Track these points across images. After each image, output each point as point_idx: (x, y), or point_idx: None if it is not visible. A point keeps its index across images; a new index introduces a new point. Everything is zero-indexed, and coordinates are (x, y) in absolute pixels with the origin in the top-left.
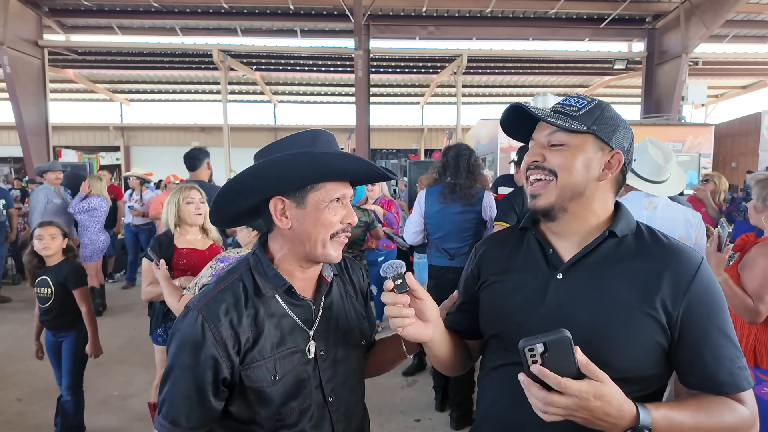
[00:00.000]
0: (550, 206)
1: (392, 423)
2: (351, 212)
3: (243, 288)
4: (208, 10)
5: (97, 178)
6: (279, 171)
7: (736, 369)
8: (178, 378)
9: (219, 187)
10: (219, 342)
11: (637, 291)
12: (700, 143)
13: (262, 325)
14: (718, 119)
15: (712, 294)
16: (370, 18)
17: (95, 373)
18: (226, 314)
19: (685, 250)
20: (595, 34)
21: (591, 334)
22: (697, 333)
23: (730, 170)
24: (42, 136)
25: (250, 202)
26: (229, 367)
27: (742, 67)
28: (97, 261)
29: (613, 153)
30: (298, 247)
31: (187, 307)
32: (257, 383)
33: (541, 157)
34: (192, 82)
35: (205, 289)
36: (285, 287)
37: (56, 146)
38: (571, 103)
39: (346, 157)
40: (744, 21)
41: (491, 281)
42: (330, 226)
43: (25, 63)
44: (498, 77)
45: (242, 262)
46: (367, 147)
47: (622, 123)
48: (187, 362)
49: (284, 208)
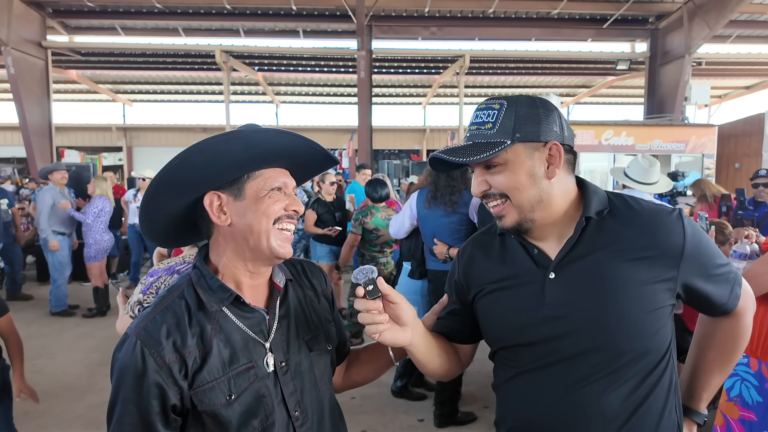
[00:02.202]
0: (517, 223)
1: (395, 422)
2: (295, 200)
3: (185, 306)
4: (210, 11)
5: (102, 178)
6: (209, 156)
7: (734, 285)
8: (122, 414)
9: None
10: (162, 367)
11: (636, 266)
12: (704, 144)
13: (210, 343)
14: (721, 120)
15: (700, 241)
16: (373, 18)
17: (101, 373)
18: (168, 336)
19: (661, 212)
20: (598, 34)
21: (604, 323)
22: (702, 281)
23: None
24: (45, 136)
25: (183, 201)
26: (178, 393)
27: (746, 67)
28: (101, 261)
29: (549, 146)
30: (241, 245)
31: (125, 334)
32: (211, 406)
33: (486, 185)
34: (194, 83)
35: (144, 312)
36: (232, 298)
37: (59, 147)
38: (483, 119)
39: (280, 133)
40: (747, 21)
41: (486, 291)
42: (272, 214)
43: (29, 64)
44: (501, 78)
45: (183, 278)
46: (370, 147)
47: (541, 110)
48: (130, 395)
49: (221, 203)
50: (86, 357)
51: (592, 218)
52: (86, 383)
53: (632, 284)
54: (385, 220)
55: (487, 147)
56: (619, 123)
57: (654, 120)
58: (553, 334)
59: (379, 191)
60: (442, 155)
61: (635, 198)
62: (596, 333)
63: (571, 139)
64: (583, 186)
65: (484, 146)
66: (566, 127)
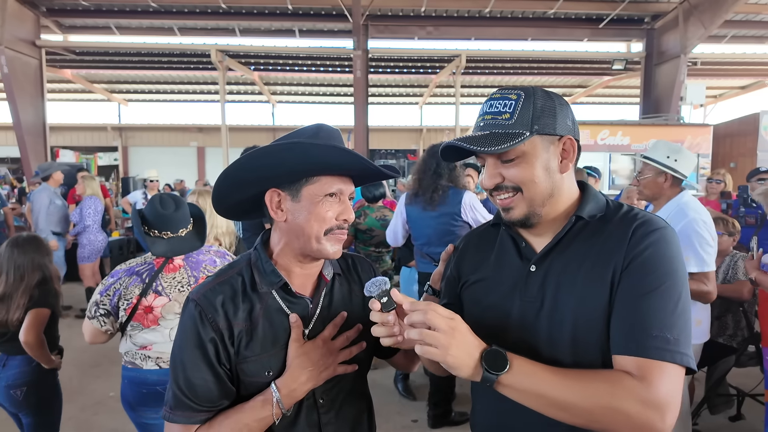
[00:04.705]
0: (525, 216)
1: (389, 423)
2: (348, 209)
3: (242, 282)
4: (206, 10)
5: (91, 177)
6: (270, 161)
7: (658, 350)
8: (185, 357)
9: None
10: (216, 330)
11: (603, 269)
12: (699, 143)
13: (257, 321)
14: (716, 120)
15: (652, 258)
16: (369, 18)
17: (92, 374)
18: (222, 305)
19: (645, 221)
20: (593, 34)
21: (573, 326)
22: (624, 300)
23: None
24: (39, 136)
25: (246, 193)
26: (226, 355)
27: (741, 67)
28: (94, 261)
29: (564, 140)
30: (293, 241)
31: (187, 299)
32: (252, 378)
33: (500, 178)
34: (190, 83)
35: (205, 281)
36: (281, 284)
37: (54, 146)
38: (499, 109)
39: (337, 150)
40: (743, 21)
41: (470, 282)
42: (323, 221)
43: (23, 63)
44: (497, 77)
45: (244, 257)
46: (366, 147)
47: (557, 102)
48: (193, 340)
49: (280, 200)
50: (77, 358)
51: (583, 219)
52: (77, 385)
53: (599, 285)
54: (380, 220)
55: (506, 138)
56: (615, 123)
57: (650, 120)
58: (524, 328)
59: (373, 191)
60: (460, 143)
61: (636, 209)
62: (568, 331)
63: (579, 135)
64: (585, 189)
65: (503, 137)
66: (576, 122)
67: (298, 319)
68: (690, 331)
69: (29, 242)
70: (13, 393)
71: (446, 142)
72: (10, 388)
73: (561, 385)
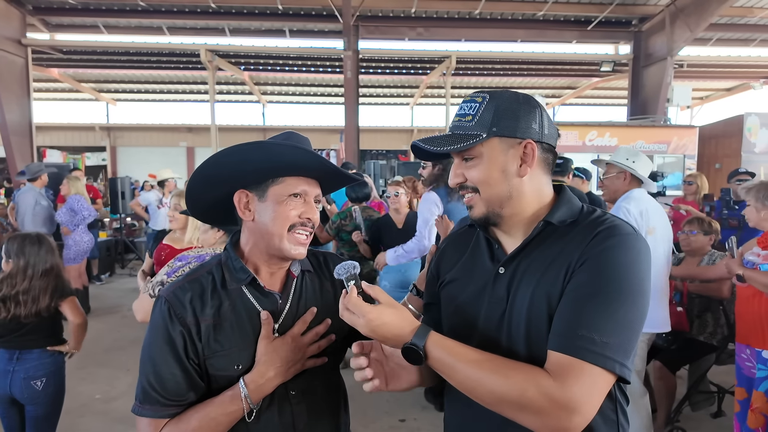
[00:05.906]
0: (484, 216)
1: (377, 423)
2: (312, 209)
3: (212, 280)
4: (195, 9)
5: (76, 178)
6: (238, 158)
7: (582, 350)
8: (154, 352)
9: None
10: (184, 326)
11: (559, 268)
12: (685, 145)
13: (225, 316)
14: (703, 121)
15: (604, 261)
16: (359, 19)
17: (78, 376)
18: (191, 302)
19: (611, 226)
20: (582, 36)
21: (527, 324)
22: (565, 294)
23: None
24: (26, 136)
25: (217, 192)
26: (194, 351)
27: (727, 69)
28: (80, 263)
29: (524, 143)
30: (259, 241)
31: (158, 296)
32: (221, 372)
33: (462, 177)
34: (179, 82)
35: (176, 280)
36: (249, 279)
37: (40, 146)
38: (465, 112)
39: (299, 150)
40: (728, 24)
41: (447, 281)
42: (286, 219)
43: (8, 62)
44: (487, 78)
45: (215, 258)
46: (357, 148)
47: (522, 107)
48: (162, 336)
49: (248, 201)
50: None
51: (553, 224)
52: None
53: (546, 289)
54: (366, 221)
55: (463, 138)
56: (603, 124)
57: (637, 121)
58: (489, 328)
59: (357, 191)
60: (421, 143)
61: (608, 214)
62: (523, 332)
63: (552, 138)
64: (561, 193)
65: (461, 137)
66: (548, 126)
67: (269, 316)
68: (632, 341)
69: (42, 239)
70: (34, 384)
71: (412, 142)
72: (31, 379)
73: (476, 365)
